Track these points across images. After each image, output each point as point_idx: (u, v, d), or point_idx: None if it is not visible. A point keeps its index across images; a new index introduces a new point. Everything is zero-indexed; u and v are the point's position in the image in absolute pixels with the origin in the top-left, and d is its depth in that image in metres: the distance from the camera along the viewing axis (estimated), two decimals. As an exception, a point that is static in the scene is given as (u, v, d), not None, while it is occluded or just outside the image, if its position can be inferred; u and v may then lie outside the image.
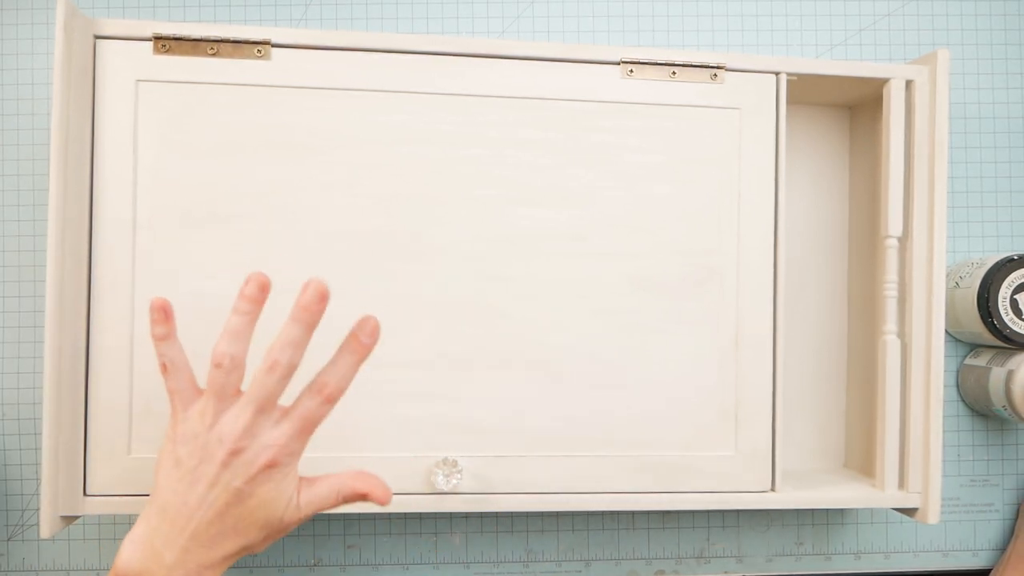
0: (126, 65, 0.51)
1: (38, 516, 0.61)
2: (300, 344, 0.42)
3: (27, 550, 0.61)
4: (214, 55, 0.51)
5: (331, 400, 0.43)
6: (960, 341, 0.66)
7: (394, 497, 0.52)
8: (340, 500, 0.44)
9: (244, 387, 0.43)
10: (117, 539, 0.61)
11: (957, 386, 0.66)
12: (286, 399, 0.44)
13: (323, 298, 0.42)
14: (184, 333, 0.51)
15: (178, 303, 0.51)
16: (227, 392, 0.42)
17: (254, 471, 0.41)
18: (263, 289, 0.43)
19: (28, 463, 0.60)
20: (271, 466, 0.42)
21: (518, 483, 0.53)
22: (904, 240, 0.57)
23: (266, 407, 0.42)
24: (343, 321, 0.52)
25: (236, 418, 0.41)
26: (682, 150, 0.55)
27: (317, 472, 0.46)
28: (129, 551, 0.41)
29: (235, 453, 0.41)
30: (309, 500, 0.44)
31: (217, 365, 0.42)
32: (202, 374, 0.51)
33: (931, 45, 0.66)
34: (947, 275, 0.63)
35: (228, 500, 0.41)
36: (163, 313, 0.43)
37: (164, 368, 0.43)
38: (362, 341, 0.43)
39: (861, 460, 0.62)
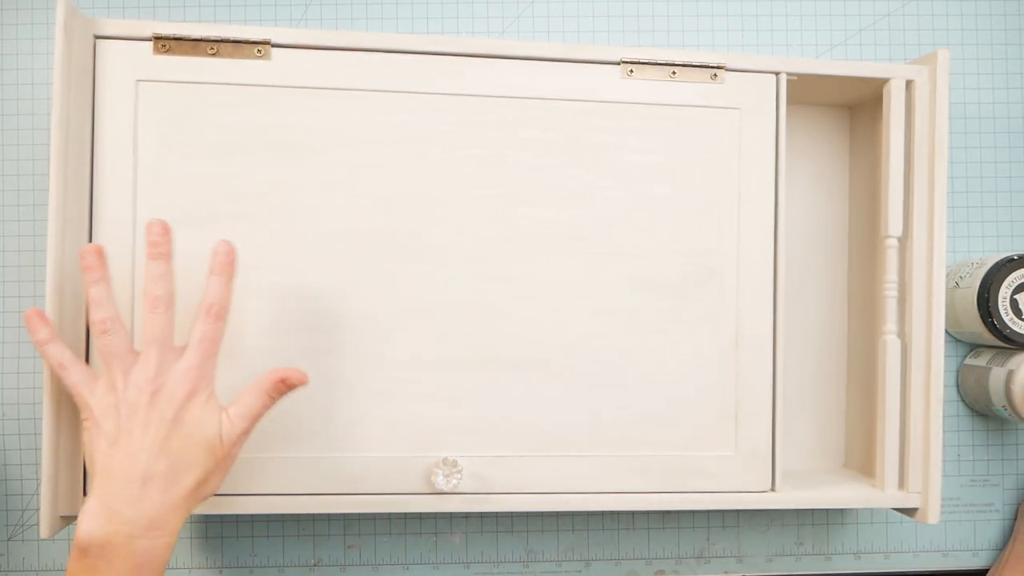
0: (126, 65, 0.51)
1: (38, 516, 0.61)
2: (166, 276, 0.46)
3: (27, 550, 0.61)
4: (214, 55, 0.51)
5: (220, 317, 0.46)
6: (960, 341, 0.66)
7: (394, 497, 0.52)
8: (266, 397, 0.47)
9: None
10: (117, 539, 0.61)
11: (957, 386, 0.66)
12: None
13: (167, 231, 0.46)
14: (184, 332, 0.51)
15: (177, 302, 0.51)
16: (123, 352, 0.45)
17: (178, 402, 0.44)
18: (99, 254, 0.46)
19: (28, 463, 0.60)
20: (192, 394, 0.45)
21: (518, 483, 0.53)
22: (904, 240, 0.57)
23: (165, 342, 0.45)
24: (343, 322, 0.52)
25: (144, 365, 0.44)
26: (682, 150, 0.55)
27: (319, 470, 0.46)
28: (87, 523, 0.42)
29: (155, 392, 0.44)
30: (238, 411, 0.46)
31: (103, 332, 0.44)
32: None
33: (931, 45, 0.66)
34: (947, 275, 0.63)
35: (164, 432, 0.43)
36: (40, 320, 0.46)
37: (62, 367, 0.45)
38: (221, 260, 0.46)
39: (861, 460, 0.62)
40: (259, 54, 0.52)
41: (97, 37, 0.51)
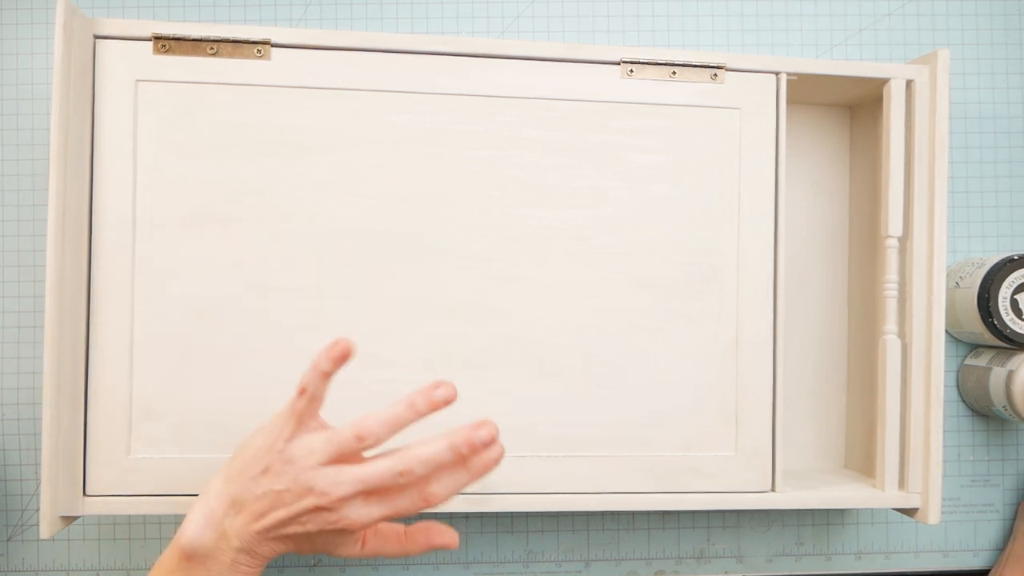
0: (126, 65, 0.51)
1: (38, 516, 0.61)
2: (441, 468, 0.43)
3: (27, 550, 0.60)
4: (214, 55, 0.51)
5: (430, 507, 0.43)
6: (960, 341, 0.66)
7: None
8: (403, 554, 0.46)
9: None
10: (117, 539, 0.61)
11: (957, 386, 0.66)
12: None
13: (494, 449, 0.43)
14: (184, 332, 0.51)
15: (178, 302, 0.51)
16: (344, 449, 0.42)
17: (328, 528, 0.42)
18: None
19: (28, 463, 0.60)
20: (344, 531, 0.43)
21: (518, 483, 0.53)
22: (904, 240, 0.57)
23: (370, 492, 0.42)
24: (344, 322, 0.52)
25: (338, 484, 0.42)
26: (682, 150, 0.55)
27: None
28: (199, 527, 0.42)
29: (320, 509, 0.42)
30: (374, 548, 0.46)
31: (359, 438, 0.42)
32: (188, 370, 0.51)
33: (931, 45, 0.66)
34: (947, 275, 0.63)
35: (297, 533, 0.42)
36: (343, 358, 0.43)
37: (303, 392, 0.43)
38: (485, 465, 0.43)
39: (861, 460, 0.62)
40: (259, 54, 0.52)
41: (97, 37, 0.51)
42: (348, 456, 0.43)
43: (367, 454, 0.43)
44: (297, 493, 0.42)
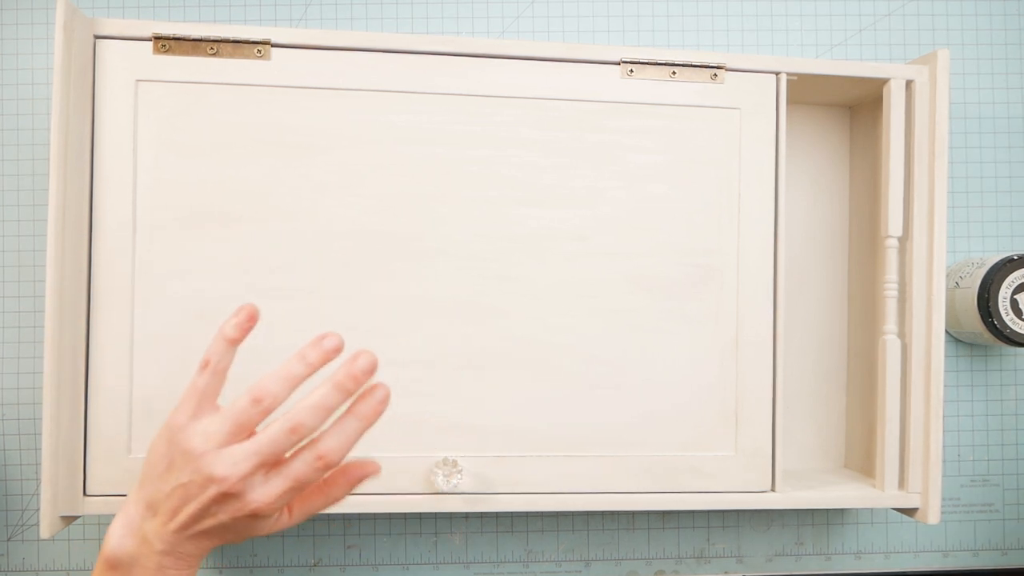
0: (126, 65, 0.51)
1: (38, 516, 0.61)
2: (331, 411, 0.41)
3: (27, 550, 0.61)
4: (214, 55, 0.51)
5: (328, 467, 0.41)
6: (960, 341, 0.66)
7: (394, 497, 0.52)
8: (332, 502, 0.44)
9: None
10: (117, 539, 0.61)
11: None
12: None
13: (372, 370, 0.41)
14: (184, 332, 0.51)
15: (177, 303, 0.51)
16: (242, 420, 0.41)
17: (240, 514, 0.41)
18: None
19: (28, 463, 0.60)
20: (256, 515, 0.41)
21: (518, 483, 0.53)
22: (904, 240, 0.57)
23: (269, 462, 0.41)
24: (343, 322, 0.52)
25: (235, 464, 0.40)
26: (682, 150, 0.55)
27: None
28: (120, 536, 0.41)
29: (226, 496, 0.40)
30: (301, 512, 0.44)
31: (257, 400, 0.41)
32: (188, 370, 0.51)
33: (931, 45, 0.66)
34: (947, 275, 0.63)
35: (215, 524, 0.41)
36: (250, 321, 0.42)
37: (206, 364, 0.42)
38: (373, 407, 0.41)
39: (861, 460, 0.62)
40: (259, 54, 0.52)
41: (97, 37, 0.51)
42: (247, 428, 0.41)
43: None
44: (200, 484, 0.40)
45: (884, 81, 0.57)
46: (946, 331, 0.64)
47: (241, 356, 0.51)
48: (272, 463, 0.41)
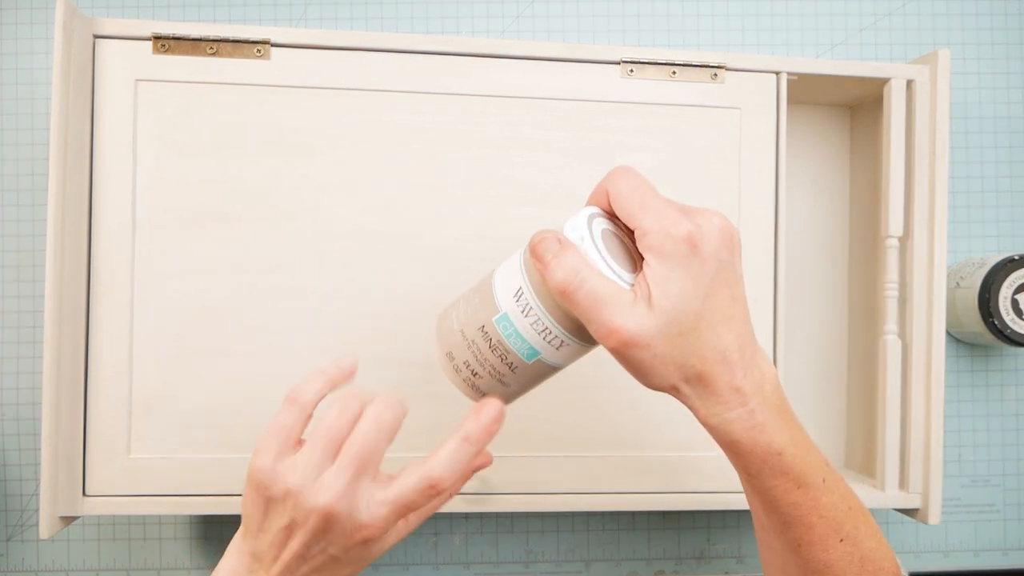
0: (125, 65, 0.51)
1: (38, 516, 0.60)
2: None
3: (27, 550, 0.60)
4: (213, 55, 0.51)
5: (440, 495, 0.40)
6: (961, 341, 0.66)
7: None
8: (447, 500, 0.43)
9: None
10: (116, 539, 0.61)
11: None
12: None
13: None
14: (184, 332, 0.51)
15: (177, 303, 0.51)
16: (333, 442, 0.39)
17: (351, 543, 0.39)
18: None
19: (28, 463, 0.60)
20: (367, 541, 0.39)
21: (518, 483, 0.53)
22: (904, 240, 0.57)
23: (368, 472, 0.39)
24: (343, 322, 0.52)
25: (333, 483, 0.38)
26: (682, 150, 0.55)
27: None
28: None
29: (330, 520, 0.38)
30: (418, 516, 0.42)
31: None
32: (188, 370, 0.51)
33: (931, 45, 0.66)
34: (948, 275, 0.63)
35: (325, 560, 0.39)
36: (351, 375, 0.42)
37: (293, 401, 0.40)
38: (486, 428, 0.40)
39: (862, 460, 0.61)
40: (258, 54, 0.52)
41: (96, 37, 0.51)
42: (334, 446, 0.39)
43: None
44: (303, 517, 0.38)
45: (884, 81, 0.57)
46: (947, 331, 0.64)
47: (240, 356, 0.51)
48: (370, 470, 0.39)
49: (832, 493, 0.39)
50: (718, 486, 0.55)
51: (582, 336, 0.39)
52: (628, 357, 0.37)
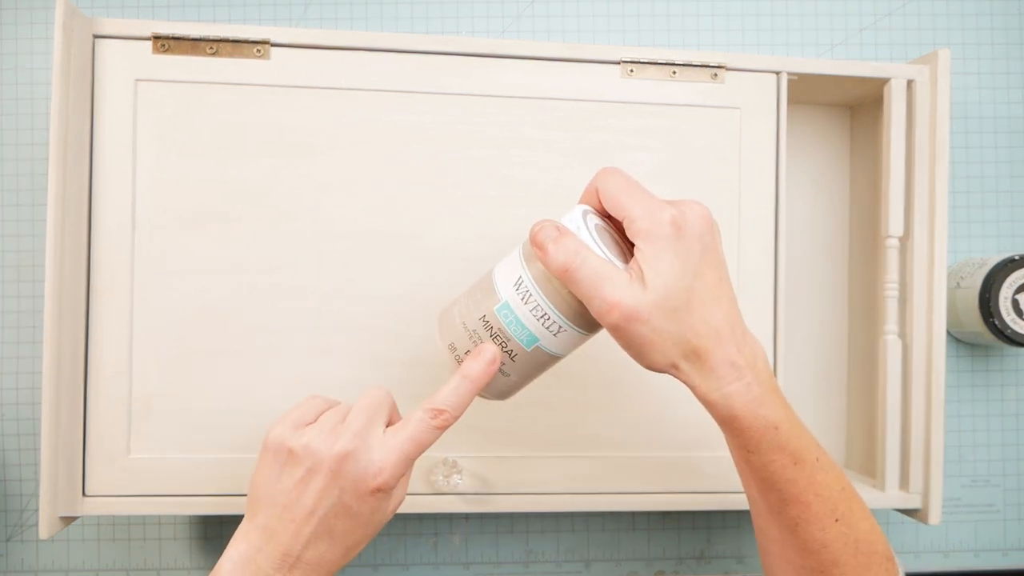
0: (125, 65, 0.51)
1: (37, 516, 0.60)
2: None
3: (26, 550, 0.60)
4: (213, 55, 0.51)
5: (445, 426, 0.41)
6: (961, 341, 0.66)
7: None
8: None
9: None
10: (116, 539, 0.61)
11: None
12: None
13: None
14: (184, 332, 0.51)
15: (177, 303, 0.51)
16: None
17: (363, 488, 0.40)
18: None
19: (28, 463, 0.60)
20: (380, 489, 0.40)
21: (518, 483, 0.53)
22: (905, 240, 0.57)
23: (382, 420, 0.41)
24: (343, 322, 0.52)
25: (346, 428, 0.40)
26: (683, 150, 0.55)
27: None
28: (228, 572, 0.39)
29: (345, 459, 0.39)
30: (402, 491, 0.43)
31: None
32: (188, 370, 0.51)
33: (931, 45, 0.66)
34: (948, 275, 0.63)
35: (336, 506, 0.40)
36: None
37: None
38: (484, 369, 0.41)
39: (862, 460, 0.61)
40: (258, 54, 0.52)
41: (96, 37, 0.51)
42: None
43: None
44: (315, 464, 0.39)
45: (884, 81, 0.57)
46: (947, 331, 0.64)
47: (240, 356, 0.51)
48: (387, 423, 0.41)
49: (826, 473, 0.41)
50: (718, 486, 0.55)
51: (579, 323, 0.41)
52: (629, 332, 0.38)
